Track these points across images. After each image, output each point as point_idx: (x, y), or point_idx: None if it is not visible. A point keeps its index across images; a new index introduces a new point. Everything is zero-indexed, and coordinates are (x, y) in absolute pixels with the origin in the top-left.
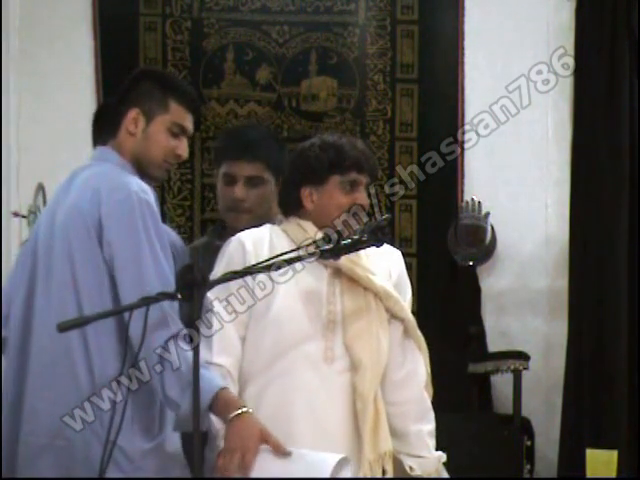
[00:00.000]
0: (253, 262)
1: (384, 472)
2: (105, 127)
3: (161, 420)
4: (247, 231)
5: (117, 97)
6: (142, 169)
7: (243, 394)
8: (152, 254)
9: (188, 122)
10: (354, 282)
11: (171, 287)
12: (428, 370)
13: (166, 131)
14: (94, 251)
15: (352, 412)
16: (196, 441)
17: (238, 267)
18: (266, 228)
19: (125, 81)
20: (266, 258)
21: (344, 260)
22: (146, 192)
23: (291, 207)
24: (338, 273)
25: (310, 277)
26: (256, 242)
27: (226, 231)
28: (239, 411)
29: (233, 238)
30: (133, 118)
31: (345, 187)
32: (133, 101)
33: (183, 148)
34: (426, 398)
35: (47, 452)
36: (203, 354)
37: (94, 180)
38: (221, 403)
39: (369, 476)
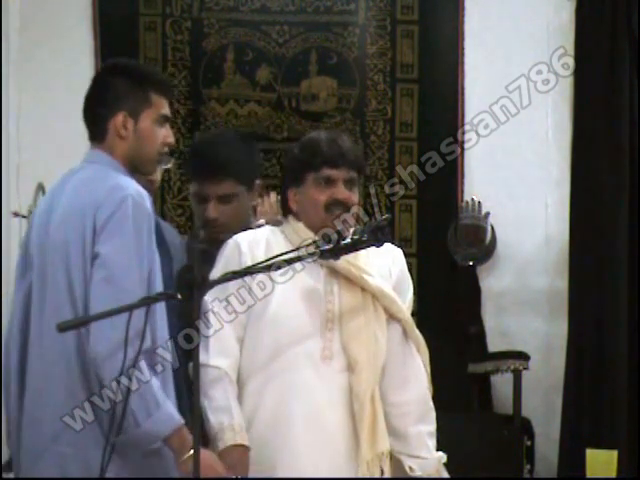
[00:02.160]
0: (249, 263)
1: (382, 472)
2: (91, 131)
3: None
4: (244, 233)
5: (93, 100)
6: (136, 168)
7: (242, 392)
8: (138, 259)
9: (168, 109)
10: (351, 281)
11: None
12: (428, 370)
13: (154, 124)
14: (88, 254)
15: (350, 411)
16: (196, 441)
17: (234, 269)
18: (265, 229)
19: (96, 81)
20: (262, 259)
21: (340, 260)
22: (142, 197)
23: (285, 209)
24: (334, 273)
25: (307, 276)
26: (252, 244)
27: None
28: (191, 452)
29: (230, 240)
30: (122, 122)
31: (319, 183)
32: (114, 104)
33: (170, 135)
34: (428, 399)
35: (47, 457)
36: (200, 356)
37: (91, 183)
38: (179, 439)
39: (367, 476)
